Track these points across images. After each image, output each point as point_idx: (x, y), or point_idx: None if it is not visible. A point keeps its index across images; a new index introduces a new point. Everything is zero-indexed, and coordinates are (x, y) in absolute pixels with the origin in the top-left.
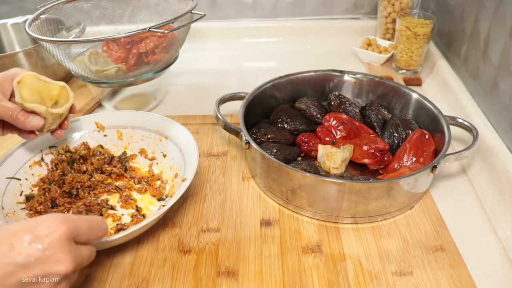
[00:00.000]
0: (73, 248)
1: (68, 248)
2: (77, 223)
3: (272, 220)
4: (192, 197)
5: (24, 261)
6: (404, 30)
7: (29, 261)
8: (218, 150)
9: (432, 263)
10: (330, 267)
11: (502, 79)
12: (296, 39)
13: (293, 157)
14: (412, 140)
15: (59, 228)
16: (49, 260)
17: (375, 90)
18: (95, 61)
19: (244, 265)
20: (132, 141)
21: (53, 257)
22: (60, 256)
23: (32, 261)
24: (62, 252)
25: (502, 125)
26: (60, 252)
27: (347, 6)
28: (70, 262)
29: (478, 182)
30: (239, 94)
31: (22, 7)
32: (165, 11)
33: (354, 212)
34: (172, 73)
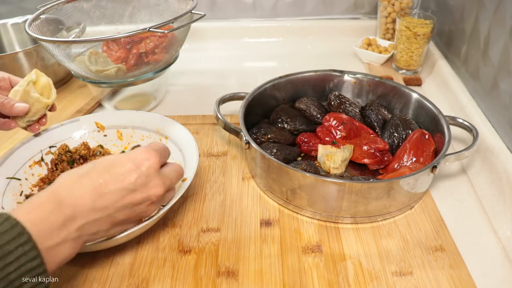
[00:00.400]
0: (162, 174)
1: (160, 175)
2: (160, 152)
3: (272, 220)
4: (192, 197)
5: (133, 187)
6: (404, 30)
7: (136, 187)
8: (218, 150)
9: (432, 263)
10: (330, 267)
11: (502, 79)
12: (296, 39)
13: (293, 157)
14: (412, 140)
15: (153, 158)
16: (148, 185)
17: (375, 90)
18: (95, 61)
19: (244, 265)
20: (132, 141)
21: (150, 183)
22: (155, 182)
23: (138, 187)
24: (157, 178)
25: (502, 125)
26: (155, 178)
27: (347, 6)
28: (161, 185)
29: (478, 182)
30: (239, 94)
31: (22, 7)
32: (165, 11)
33: (354, 212)
34: (172, 73)
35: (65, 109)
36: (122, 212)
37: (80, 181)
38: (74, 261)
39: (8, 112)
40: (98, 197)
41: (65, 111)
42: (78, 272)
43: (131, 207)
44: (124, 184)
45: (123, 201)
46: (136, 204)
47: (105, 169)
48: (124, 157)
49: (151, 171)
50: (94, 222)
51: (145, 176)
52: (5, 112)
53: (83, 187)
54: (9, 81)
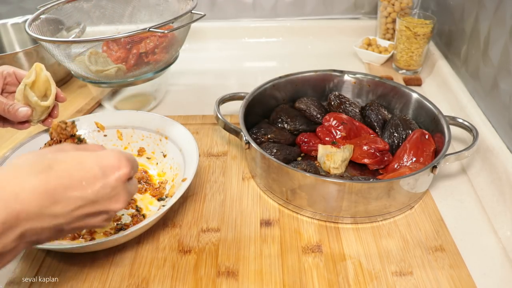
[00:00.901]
0: (127, 188)
1: (126, 187)
2: (132, 163)
3: (272, 220)
4: (192, 197)
5: (93, 198)
6: (404, 30)
7: (97, 198)
8: (218, 150)
9: (432, 263)
10: (330, 267)
11: (502, 79)
12: (296, 39)
13: (293, 157)
14: (412, 140)
15: (125, 167)
16: (111, 199)
17: (375, 90)
18: (95, 61)
19: (244, 265)
20: (132, 141)
21: (115, 196)
22: (120, 195)
23: (99, 198)
24: (123, 191)
25: (502, 125)
26: (122, 191)
27: (347, 6)
28: (125, 201)
29: (478, 182)
30: (239, 94)
31: (22, 7)
32: (165, 11)
33: (354, 212)
34: (172, 73)
35: (65, 109)
36: (73, 224)
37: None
38: (74, 261)
39: (13, 118)
40: (50, 204)
41: (65, 111)
42: (78, 272)
43: (85, 219)
44: (84, 193)
45: (78, 212)
46: (91, 216)
47: (66, 171)
48: (91, 159)
49: (119, 183)
50: (37, 230)
51: (111, 187)
52: (11, 118)
53: (34, 187)
54: (15, 76)
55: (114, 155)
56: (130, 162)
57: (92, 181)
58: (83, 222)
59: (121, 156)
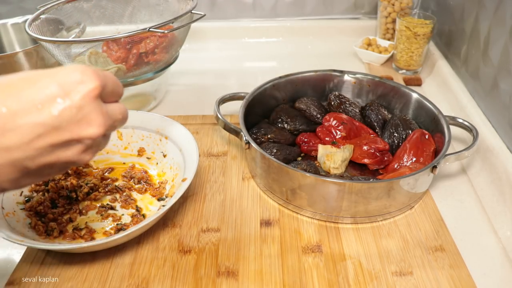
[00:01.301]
0: (104, 108)
1: (100, 107)
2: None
3: (272, 220)
4: (192, 197)
5: (55, 123)
6: (404, 30)
7: (60, 123)
8: (218, 150)
9: (432, 263)
10: (330, 267)
11: (502, 79)
12: (296, 39)
13: (293, 157)
14: (412, 140)
15: (91, 81)
16: (81, 122)
17: (375, 90)
18: (95, 61)
19: (244, 265)
20: (132, 141)
21: (84, 118)
22: (92, 117)
23: (63, 123)
24: (94, 112)
25: (502, 125)
26: (93, 112)
27: (347, 6)
28: (101, 124)
29: (478, 182)
30: (239, 94)
31: (22, 7)
32: (165, 11)
33: (354, 212)
34: (172, 73)
35: None
36: (39, 159)
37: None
38: (74, 261)
39: None
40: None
41: None
42: (78, 272)
43: (52, 151)
44: (41, 117)
45: (39, 142)
46: (59, 147)
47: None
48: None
49: (87, 101)
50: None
51: (77, 107)
52: None
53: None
54: None
55: (77, 68)
56: (99, 75)
57: (50, 101)
58: (52, 157)
59: (86, 69)
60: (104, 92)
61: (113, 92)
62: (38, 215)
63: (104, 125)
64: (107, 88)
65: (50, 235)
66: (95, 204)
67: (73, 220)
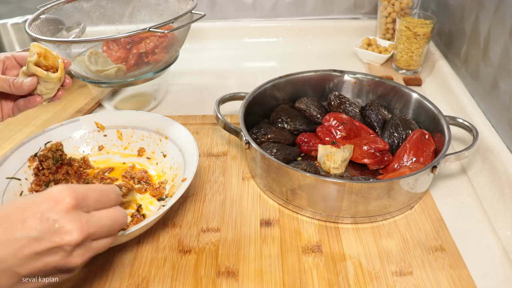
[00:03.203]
0: (83, 218)
1: (77, 217)
2: (82, 192)
3: (272, 220)
4: (192, 197)
5: (35, 235)
6: (404, 30)
7: (40, 234)
8: (218, 150)
9: (432, 263)
10: (330, 267)
11: (502, 79)
12: (296, 39)
13: (293, 157)
14: (412, 140)
15: (65, 198)
16: (57, 232)
17: (375, 90)
18: (95, 61)
19: (244, 265)
20: (132, 141)
21: (61, 229)
22: (67, 227)
23: (42, 234)
24: (69, 222)
25: (502, 125)
26: (67, 223)
27: (347, 6)
28: (78, 231)
29: (478, 182)
30: (239, 94)
31: (22, 7)
32: (165, 11)
33: (354, 212)
34: (172, 73)
35: (65, 109)
36: (28, 266)
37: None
38: None
39: (19, 91)
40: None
41: (65, 111)
42: (78, 272)
43: (38, 259)
44: (23, 232)
45: (25, 252)
46: (45, 255)
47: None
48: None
49: (62, 214)
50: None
51: (53, 220)
52: (17, 92)
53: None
54: (14, 59)
55: (57, 189)
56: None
57: (31, 218)
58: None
59: (64, 188)
60: (84, 203)
61: (98, 201)
62: None
63: (82, 231)
64: (88, 199)
65: None
66: None
67: None
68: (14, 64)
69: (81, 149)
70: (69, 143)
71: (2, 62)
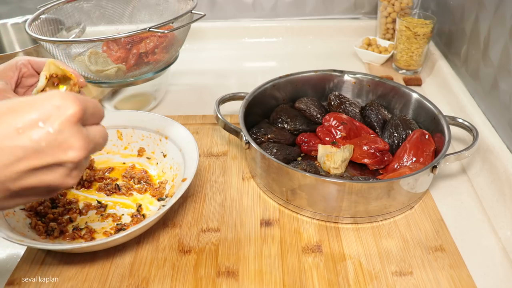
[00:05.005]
0: (84, 132)
1: (81, 131)
2: (85, 103)
3: (272, 220)
4: (192, 197)
5: (34, 146)
6: (404, 30)
7: (40, 146)
8: (218, 150)
9: (432, 263)
10: (330, 267)
11: (502, 79)
12: (296, 39)
13: (293, 157)
14: (412, 140)
15: (70, 107)
16: (61, 146)
17: (375, 90)
18: (95, 61)
19: (244, 265)
20: (132, 141)
21: (65, 142)
22: (72, 141)
23: (43, 146)
24: (74, 136)
25: (502, 125)
26: (73, 136)
27: (347, 6)
28: (82, 148)
29: (478, 182)
30: (239, 94)
31: (22, 7)
32: (165, 11)
33: (354, 212)
34: (172, 73)
35: None
36: (21, 181)
37: None
38: (74, 261)
39: None
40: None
41: None
42: (78, 272)
43: (34, 175)
44: (21, 141)
45: (20, 166)
46: (41, 171)
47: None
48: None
49: (67, 126)
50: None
51: (57, 132)
52: None
53: None
54: (30, 65)
55: (58, 95)
56: (80, 100)
57: (30, 127)
58: (34, 180)
59: (68, 95)
60: (84, 116)
61: (93, 115)
62: (38, 215)
63: (85, 149)
64: (87, 112)
65: (50, 235)
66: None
67: (73, 220)
68: (31, 72)
69: None
70: None
71: (18, 69)
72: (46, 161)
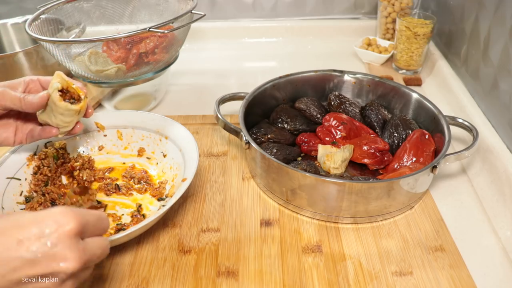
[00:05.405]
0: (81, 245)
1: (76, 245)
2: (85, 218)
3: (272, 220)
4: (192, 197)
5: (31, 257)
6: (404, 30)
7: (36, 257)
8: (218, 150)
9: (432, 263)
10: (330, 267)
11: (502, 79)
12: (296, 39)
13: (293, 157)
14: (412, 140)
15: (69, 223)
16: (55, 257)
17: (375, 90)
18: (95, 61)
19: (244, 265)
20: (132, 141)
21: (59, 254)
22: (66, 253)
23: (39, 257)
24: (69, 249)
25: (502, 125)
26: (67, 249)
27: (347, 6)
28: (76, 260)
29: (478, 182)
30: (239, 94)
31: (22, 7)
32: (165, 11)
33: (354, 212)
34: (172, 73)
35: None
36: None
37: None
38: None
39: (29, 106)
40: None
41: None
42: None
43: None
44: (19, 252)
45: (16, 274)
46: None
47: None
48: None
49: (63, 239)
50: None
51: (53, 244)
52: (27, 109)
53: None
54: (39, 82)
55: (59, 211)
56: (78, 216)
57: (30, 240)
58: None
59: (68, 211)
60: (84, 229)
61: (95, 227)
62: None
63: (79, 260)
64: (88, 225)
65: None
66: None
67: None
68: (38, 88)
69: (81, 149)
70: (69, 143)
71: (26, 84)
72: (40, 271)
